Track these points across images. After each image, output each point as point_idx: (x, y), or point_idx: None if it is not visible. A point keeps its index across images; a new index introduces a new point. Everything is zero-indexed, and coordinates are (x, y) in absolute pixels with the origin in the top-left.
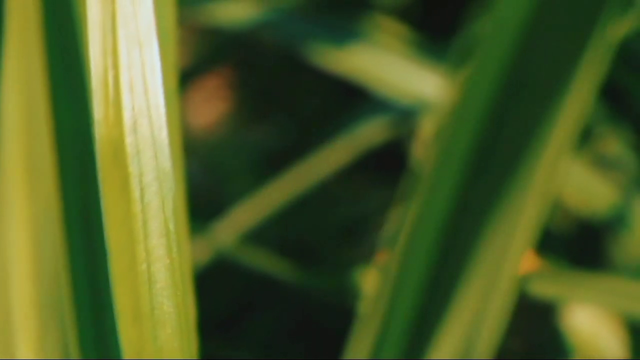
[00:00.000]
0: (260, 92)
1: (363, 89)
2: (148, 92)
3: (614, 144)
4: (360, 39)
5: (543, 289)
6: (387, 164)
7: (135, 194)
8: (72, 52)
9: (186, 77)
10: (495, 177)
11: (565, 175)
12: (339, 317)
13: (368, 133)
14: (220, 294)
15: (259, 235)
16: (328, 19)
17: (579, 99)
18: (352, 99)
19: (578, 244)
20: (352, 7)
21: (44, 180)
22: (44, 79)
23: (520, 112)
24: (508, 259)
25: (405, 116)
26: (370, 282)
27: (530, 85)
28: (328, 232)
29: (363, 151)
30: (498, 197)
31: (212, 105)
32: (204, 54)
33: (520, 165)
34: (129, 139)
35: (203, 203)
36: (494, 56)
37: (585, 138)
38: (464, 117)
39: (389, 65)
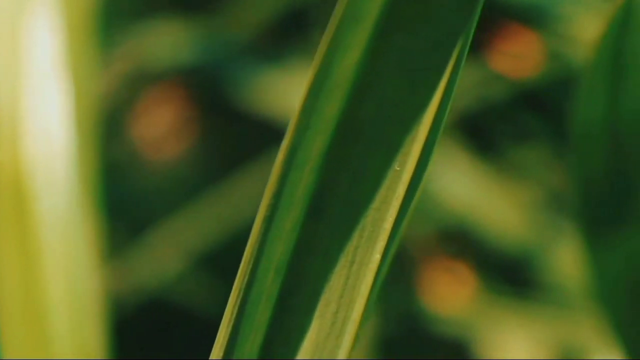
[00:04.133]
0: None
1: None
2: (53, 131)
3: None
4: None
5: (476, 318)
6: None
7: (37, 234)
8: None
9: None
10: (334, 218)
11: (483, 198)
12: None
13: None
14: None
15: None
16: (268, 56)
17: (417, 137)
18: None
19: (504, 269)
20: (294, 40)
21: None
22: None
23: (355, 154)
24: (352, 293)
25: None
26: None
27: (366, 127)
28: None
29: None
30: (337, 236)
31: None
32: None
33: (358, 204)
34: (31, 180)
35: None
36: (329, 97)
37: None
38: (299, 158)
39: None
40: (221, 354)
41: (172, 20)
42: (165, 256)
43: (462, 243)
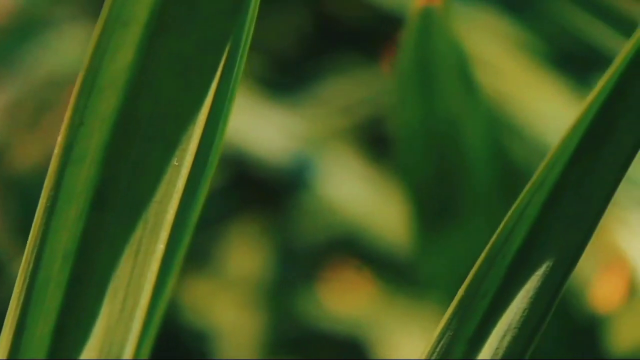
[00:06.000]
0: None
1: None
2: None
3: None
4: None
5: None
6: None
7: None
8: None
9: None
10: (118, 209)
11: (379, 203)
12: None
13: None
14: None
15: None
16: None
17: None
18: None
19: (399, 270)
20: None
21: None
22: None
23: (134, 150)
24: (139, 280)
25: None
26: None
27: (143, 124)
28: None
29: None
30: (122, 227)
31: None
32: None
33: (140, 197)
34: None
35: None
36: (103, 95)
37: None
38: (77, 152)
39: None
40: (10, 338)
41: (82, 26)
42: None
43: (358, 246)
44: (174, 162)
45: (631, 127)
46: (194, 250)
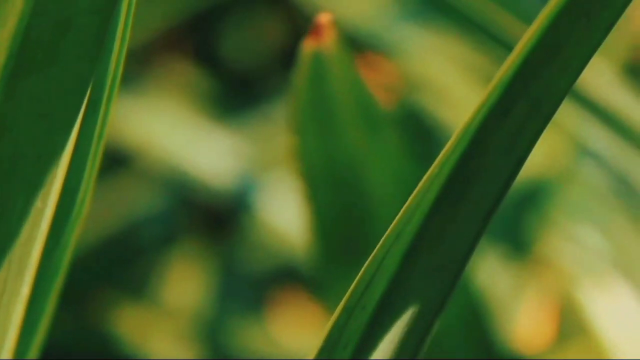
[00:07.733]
0: None
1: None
2: None
3: None
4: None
5: None
6: None
7: None
8: None
9: None
10: None
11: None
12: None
13: None
14: None
15: None
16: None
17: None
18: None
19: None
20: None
21: None
22: None
23: None
24: (4, 324)
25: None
26: None
27: (5, 165)
28: None
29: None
30: None
31: None
32: None
33: (4, 239)
34: None
35: None
36: None
37: None
38: None
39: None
40: None
41: None
42: None
43: (306, 273)
44: (38, 204)
45: (492, 177)
46: (131, 278)
